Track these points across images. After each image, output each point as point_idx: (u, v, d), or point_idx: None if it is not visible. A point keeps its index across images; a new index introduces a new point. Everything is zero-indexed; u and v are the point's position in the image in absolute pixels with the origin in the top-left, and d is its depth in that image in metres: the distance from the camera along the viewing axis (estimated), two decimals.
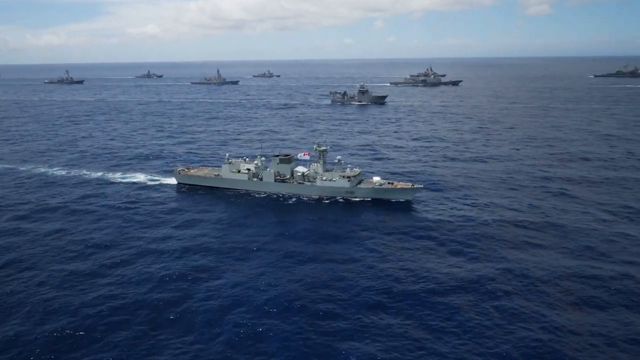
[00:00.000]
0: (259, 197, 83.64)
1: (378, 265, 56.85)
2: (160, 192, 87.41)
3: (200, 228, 69.82)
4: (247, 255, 60.33)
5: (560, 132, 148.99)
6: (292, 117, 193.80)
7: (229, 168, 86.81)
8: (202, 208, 78.64)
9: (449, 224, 69.50)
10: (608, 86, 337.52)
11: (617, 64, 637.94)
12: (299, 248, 62.28)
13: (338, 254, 60.39)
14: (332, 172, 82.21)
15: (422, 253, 60.31)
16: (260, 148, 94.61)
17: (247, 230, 68.45)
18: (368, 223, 70.83)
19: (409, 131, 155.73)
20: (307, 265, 57.49)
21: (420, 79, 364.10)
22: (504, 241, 63.68)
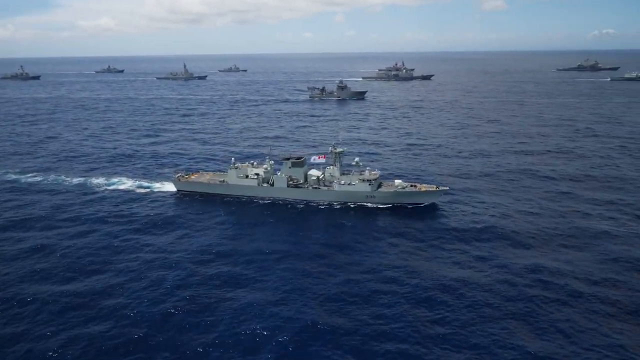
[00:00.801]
0: (269, 204, 77.17)
1: (410, 280, 52.23)
2: (157, 201, 79.78)
3: (210, 240, 63.41)
4: (266, 273, 53.94)
5: (547, 127, 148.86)
6: (275, 114, 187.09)
7: (235, 173, 79.62)
8: (209, 218, 71.67)
9: (477, 230, 65.37)
10: (575, 80, 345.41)
11: (570, 58, 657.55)
12: (320, 261, 56.80)
13: (365, 267, 55.17)
14: (349, 175, 76.30)
15: (461, 267, 56.20)
16: (268, 154, 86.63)
17: (262, 243, 62.18)
18: (393, 230, 66.06)
19: (400, 128, 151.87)
20: (330, 281, 52.20)
21: (393, 74, 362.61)
22: (542, 248, 60.47)
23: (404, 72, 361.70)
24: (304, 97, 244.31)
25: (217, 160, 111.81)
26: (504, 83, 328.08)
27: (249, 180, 79.03)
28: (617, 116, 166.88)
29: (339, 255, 58.27)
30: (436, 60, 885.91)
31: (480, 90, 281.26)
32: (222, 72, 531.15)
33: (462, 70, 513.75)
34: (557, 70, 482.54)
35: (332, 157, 78.76)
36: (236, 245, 61.38)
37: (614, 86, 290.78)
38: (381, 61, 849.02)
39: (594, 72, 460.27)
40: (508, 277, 52.33)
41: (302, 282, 51.98)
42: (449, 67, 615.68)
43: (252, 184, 78.88)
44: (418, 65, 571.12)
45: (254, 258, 57.52)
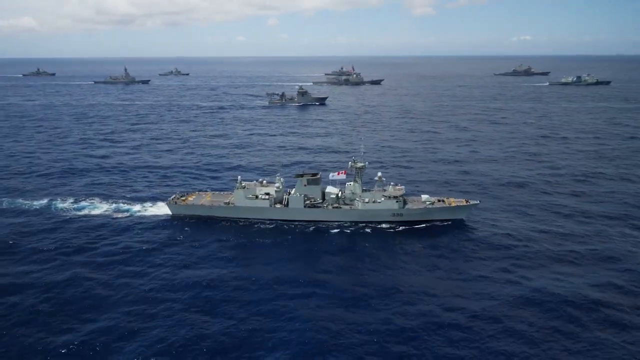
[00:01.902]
0: (283, 227, 68.89)
1: (451, 317, 47.08)
2: (148, 229, 69.30)
3: (224, 280, 55.12)
4: (288, 325, 46.55)
5: (516, 133, 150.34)
6: (239, 121, 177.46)
7: (243, 194, 70.76)
8: (217, 248, 62.85)
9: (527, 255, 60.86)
10: (516, 85, 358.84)
11: (500, 63, 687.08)
12: (350, 294, 50.45)
13: (412, 315, 49.52)
14: (372, 192, 69.84)
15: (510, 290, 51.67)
16: (278, 171, 78.87)
17: (284, 280, 54.65)
18: (427, 253, 60.84)
19: (373, 134, 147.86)
20: (365, 320, 45.97)
21: (343, 78, 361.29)
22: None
23: (355, 76, 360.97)
24: (260, 103, 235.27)
25: (193, 173, 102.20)
26: (453, 88, 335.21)
27: (259, 201, 70.34)
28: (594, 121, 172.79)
29: (376, 296, 50.43)
30: (374, 64, 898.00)
31: (432, 94, 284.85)
32: (163, 75, 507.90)
33: (406, 75, 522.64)
34: (495, 75, 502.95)
35: (352, 173, 71.93)
36: (252, 287, 52.82)
37: (555, 90, 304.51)
38: (322, 65, 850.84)
39: (528, 76, 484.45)
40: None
41: (334, 341, 44.23)
42: (390, 71, 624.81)
43: (263, 205, 70.16)
44: (359, 69, 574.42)
45: (274, 307, 48.36)
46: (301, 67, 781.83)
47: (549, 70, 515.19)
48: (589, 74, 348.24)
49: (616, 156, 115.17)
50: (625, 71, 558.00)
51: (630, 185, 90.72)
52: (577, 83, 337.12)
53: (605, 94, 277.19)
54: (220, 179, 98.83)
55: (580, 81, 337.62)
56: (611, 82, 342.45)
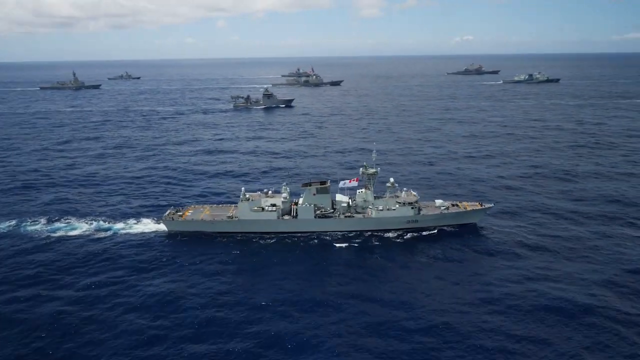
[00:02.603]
0: (292, 240, 64.91)
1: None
2: (142, 245, 63.57)
3: (233, 301, 50.67)
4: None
5: (484, 133, 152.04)
6: (206, 126, 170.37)
7: (248, 206, 65.99)
8: (226, 270, 57.94)
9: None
10: (474, 83, 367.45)
11: (447, 62, 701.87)
12: (375, 319, 47.25)
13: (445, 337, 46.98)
14: (384, 198, 66.80)
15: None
16: (286, 181, 75.09)
17: (306, 302, 51.10)
18: (449, 263, 58.65)
19: (354, 136, 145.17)
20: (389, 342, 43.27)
21: (303, 80, 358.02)
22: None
23: (314, 77, 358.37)
24: (224, 107, 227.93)
25: (170, 184, 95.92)
26: (411, 87, 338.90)
27: (266, 213, 65.83)
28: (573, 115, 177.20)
29: (406, 318, 47.37)
30: (328, 65, 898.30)
31: (392, 95, 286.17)
32: (112, 80, 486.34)
33: (363, 76, 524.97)
34: (448, 74, 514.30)
35: (363, 180, 68.61)
36: (269, 317, 48.88)
37: (510, 88, 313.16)
38: (276, 66, 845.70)
39: (479, 75, 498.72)
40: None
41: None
42: (345, 72, 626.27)
43: (270, 217, 65.68)
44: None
45: (300, 339, 44.64)
46: (256, 69, 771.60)
47: (498, 69, 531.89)
48: (539, 72, 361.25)
49: (590, 152, 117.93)
50: (569, 68, 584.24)
51: (611, 183, 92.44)
52: (529, 81, 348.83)
53: (556, 91, 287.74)
54: (200, 187, 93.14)
55: (532, 79, 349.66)
56: (560, 79, 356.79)
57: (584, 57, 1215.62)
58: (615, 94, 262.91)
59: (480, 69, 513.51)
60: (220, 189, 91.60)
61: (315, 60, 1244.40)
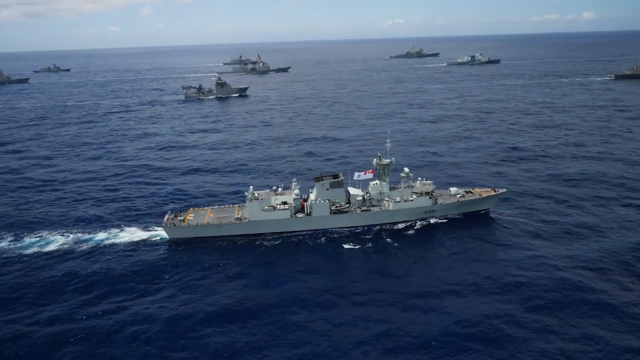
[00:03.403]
0: (308, 240, 60.31)
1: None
2: (143, 260, 55.96)
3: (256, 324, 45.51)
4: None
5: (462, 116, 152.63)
6: (163, 118, 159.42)
7: (259, 206, 60.21)
8: (243, 282, 52.14)
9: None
10: (422, 66, 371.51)
11: (384, 46, 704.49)
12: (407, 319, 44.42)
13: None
14: (400, 189, 63.66)
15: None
16: (296, 172, 70.18)
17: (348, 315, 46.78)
18: (474, 253, 56.21)
19: (317, 123, 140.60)
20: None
21: (250, 67, 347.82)
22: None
23: (261, 64, 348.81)
24: (172, 98, 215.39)
25: (139, 183, 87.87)
26: (358, 72, 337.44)
27: (278, 212, 60.62)
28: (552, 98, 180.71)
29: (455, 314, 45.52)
30: (265, 51, 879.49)
31: (342, 80, 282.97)
32: (39, 73, 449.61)
33: (307, 61, 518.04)
34: (390, 57, 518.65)
35: (378, 171, 64.99)
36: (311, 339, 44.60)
37: (456, 69, 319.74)
38: (215, 54, 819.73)
39: (420, 58, 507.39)
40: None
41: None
42: (287, 58, 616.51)
43: (283, 216, 60.56)
44: (250, 56, 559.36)
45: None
46: (193, 57, 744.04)
47: (438, 51, 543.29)
48: (481, 54, 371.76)
49: (554, 132, 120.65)
50: (503, 49, 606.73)
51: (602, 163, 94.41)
52: (471, 62, 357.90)
53: (499, 72, 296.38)
54: (174, 186, 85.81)
55: (474, 61, 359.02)
56: (500, 60, 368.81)
57: (509, 39, 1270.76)
58: (554, 72, 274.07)
59: (421, 52, 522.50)
60: (197, 188, 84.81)
61: (250, 46, 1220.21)
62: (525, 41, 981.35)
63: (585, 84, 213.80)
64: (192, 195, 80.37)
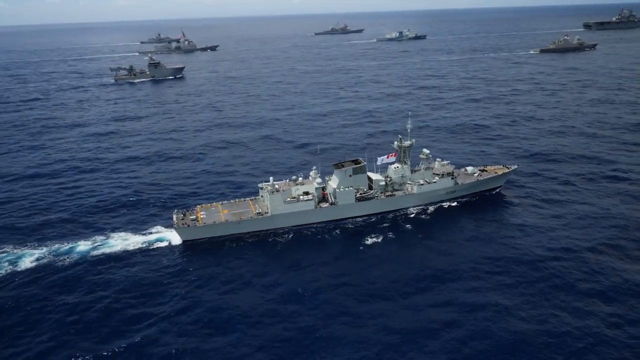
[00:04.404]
0: (328, 230, 56.73)
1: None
2: (153, 270, 48.60)
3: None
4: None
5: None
6: (99, 106, 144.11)
7: (281, 198, 54.94)
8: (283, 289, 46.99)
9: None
10: (350, 42, 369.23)
11: (314, 22, 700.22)
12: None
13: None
14: (420, 171, 61.49)
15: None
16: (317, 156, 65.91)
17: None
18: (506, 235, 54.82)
19: (278, 104, 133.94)
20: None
21: (174, 46, 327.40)
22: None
23: (186, 43, 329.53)
24: (96, 81, 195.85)
25: (99, 179, 78.12)
26: (290, 49, 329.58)
27: (302, 203, 55.97)
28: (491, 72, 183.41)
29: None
30: (178, 29, 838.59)
31: (278, 58, 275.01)
32: None
33: (232, 39, 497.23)
34: (316, 34, 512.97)
35: (399, 153, 62.10)
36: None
37: (385, 45, 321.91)
38: (127, 32, 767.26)
39: (345, 34, 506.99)
40: None
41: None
42: (208, 35, 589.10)
43: (307, 207, 56.00)
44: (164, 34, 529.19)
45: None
46: (102, 36, 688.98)
47: (362, 27, 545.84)
48: (408, 30, 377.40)
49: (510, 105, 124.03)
50: (421, 25, 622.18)
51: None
52: (399, 38, 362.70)
53: (428, 47, 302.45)
54: (142, 179, 77.25)
55: (402, 36, 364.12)
56: (426, 36, 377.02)
57: (423, 14, 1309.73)
58: (481, 48, 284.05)
59: (346, 29, 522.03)
60: (171, 180, 77.21)
61: (163, 23, 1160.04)
62: (440, 17, 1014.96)
63: (514, 58, 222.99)
64: (178, 193, 71.96)
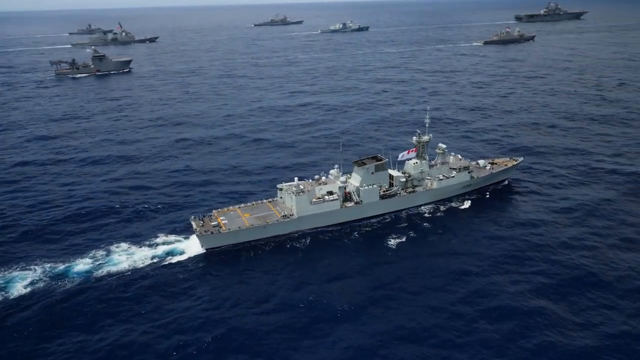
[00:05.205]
0: (351, 230, 55.10)
1: None
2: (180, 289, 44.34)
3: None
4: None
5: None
6: (46, 107, 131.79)
7: (307, 199, 52.49)
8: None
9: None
10: (285, 34, 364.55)
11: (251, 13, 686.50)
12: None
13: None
14: (437, 166, 61.03)
15: None
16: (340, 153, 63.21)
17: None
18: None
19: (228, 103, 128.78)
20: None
21: (111, 38, 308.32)
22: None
23: (124, 35, 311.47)
24: (31, 76, 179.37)
25: (76, 184, 71.23)
26: (234, 42, 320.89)
27: (328, 203, 53.86)
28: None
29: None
30: (107, 19, 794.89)
31: (223, 49, 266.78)
32: None
33: (170, 30, 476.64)
34: (255, 25, 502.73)
35: (418, 149, 61.42)
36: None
37: (331, 37, 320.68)
38: (48, 23, 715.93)
39: (284, 25, 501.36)
40: None
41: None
42: (141, 26, 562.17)
43: (332, 207, 54.08)
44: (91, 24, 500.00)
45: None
46: (18, 27, 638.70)
47: (302, 19, 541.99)
48: (351, 21, 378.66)
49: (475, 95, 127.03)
50: (363, 16, 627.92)
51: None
52: (343, 30, 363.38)
53: (372, 38, 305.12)
54: (118, 181, 71.13)
55: (346, 28, 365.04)
56: (369, 27, 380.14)
57: (360, 6, 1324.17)
58: (425, 39, 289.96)
59: (285, 20, 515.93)
60: (149, 182, 72.09)
61: (90, 13, 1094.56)
62: (374, 9, 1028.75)
63: (461, 50, 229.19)
64: (167, 198, 66.84)
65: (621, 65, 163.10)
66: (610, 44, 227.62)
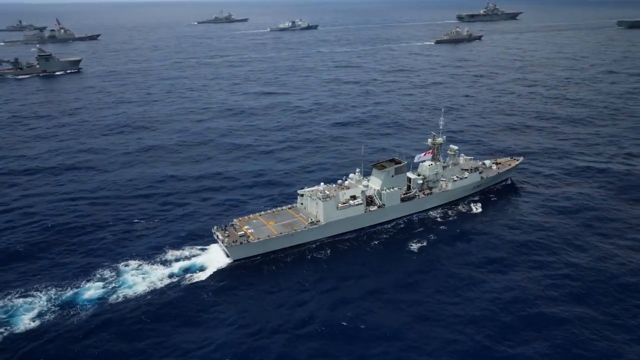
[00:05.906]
0: (376, 233, 54.83)
1: None
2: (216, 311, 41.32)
3: None
4: None
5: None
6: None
7: (334, 204, 51.23)
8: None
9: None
10: (233, 32, 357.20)
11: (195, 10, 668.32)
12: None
13: None
14: (449, 168, 61.71)
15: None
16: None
17: None
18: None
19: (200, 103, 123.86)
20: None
21: (48, 35, 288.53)
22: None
23: (63, 32, 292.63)
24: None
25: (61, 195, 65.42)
26: (182, 39, 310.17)
27: (353, 208, 52.78)
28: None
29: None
30: (42, 14, 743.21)
31: (170, 49, 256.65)
32: None
33: (115, 28, 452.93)
34: (198, 23, 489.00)
35: (434, 151, 62.07)
36: None
37: (281, 35, 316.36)
38: None
39: (229, 23, 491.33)
40: None
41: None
42: (85, 23, 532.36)
43: (357, 212, 53.21)
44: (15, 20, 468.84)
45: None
46: None
47: (247, 17, 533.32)
48: (300, 19, 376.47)
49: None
50: (304, 15, 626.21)
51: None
52: (292, 28, 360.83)
53: (323, 37, 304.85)
54: (104, 189, 66.15)
55: (295, 26, 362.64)
56: (318, 25, 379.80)
57: (302, 4, 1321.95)
58: (375, 38, 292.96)
59: (230, 17, 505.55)
60: (131, 189, 67.50)
61: (18, 7, 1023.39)
62: (314, 7, 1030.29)
63: (414, 49, 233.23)
64: (162, 205, 62.80)
65: (568, 65, 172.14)
66: (550, 43, 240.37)
